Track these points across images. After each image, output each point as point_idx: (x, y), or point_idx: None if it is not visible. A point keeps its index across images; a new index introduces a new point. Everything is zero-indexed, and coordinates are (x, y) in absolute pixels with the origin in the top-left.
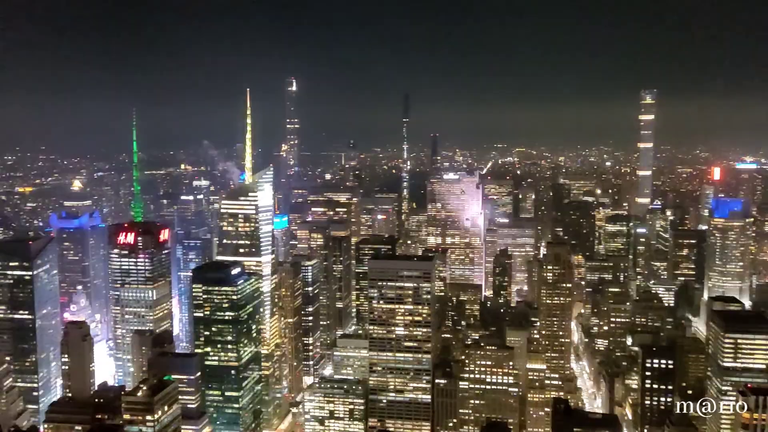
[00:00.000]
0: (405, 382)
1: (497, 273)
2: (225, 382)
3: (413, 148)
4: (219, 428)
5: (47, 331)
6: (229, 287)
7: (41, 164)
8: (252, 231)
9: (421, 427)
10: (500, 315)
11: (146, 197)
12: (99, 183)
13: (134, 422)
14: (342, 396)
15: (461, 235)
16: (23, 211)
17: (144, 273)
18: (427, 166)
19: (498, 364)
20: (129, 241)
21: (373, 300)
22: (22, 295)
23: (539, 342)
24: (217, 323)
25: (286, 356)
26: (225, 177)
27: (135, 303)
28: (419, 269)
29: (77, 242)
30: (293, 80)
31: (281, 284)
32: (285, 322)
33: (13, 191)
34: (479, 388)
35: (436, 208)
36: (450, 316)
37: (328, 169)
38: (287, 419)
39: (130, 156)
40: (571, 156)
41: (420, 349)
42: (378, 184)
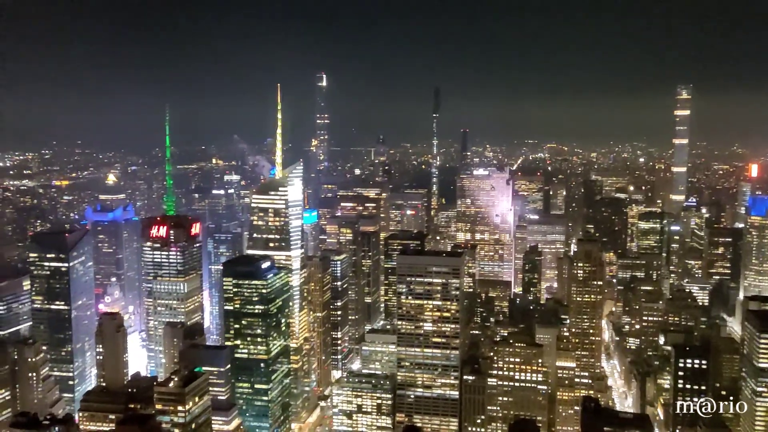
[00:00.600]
0: (433, 377)
1: (527, 270)
2: (254, 375)
3: (443, 144)
4: (248, 420)
5: (82, 321)
6: (259, 281)
7: (77, 158)
8: (282, 225)
9: (448, 423)
10: (529, 312)
11: (178, 191)
12: (133, 177)
13: (166, 412)
14: (370, 390)
15: (491, 232)
16: (60, 204)
17: (176, 266)
18: (456, 162)
19: (527, 361)
20: (161, 235)
21: (402, 295)
22: (58, 286)
23: (569, 340)
24: (247, 316)
25: (315, 350)
26: (255, 171)
27: (167, 295)
28: (448, 265)
29: (111, 235)
30: (323, 75)
31: (310, 278)
32: (314, 316)
33: (50, 184)
34: (508, 385)
35: (466, 204)
36: (479, 313)
37: (358, 164)
38: (315, 413)
39: (162, 150)
40: (603, 152)
41: (448, 345)
42: (407, 179)
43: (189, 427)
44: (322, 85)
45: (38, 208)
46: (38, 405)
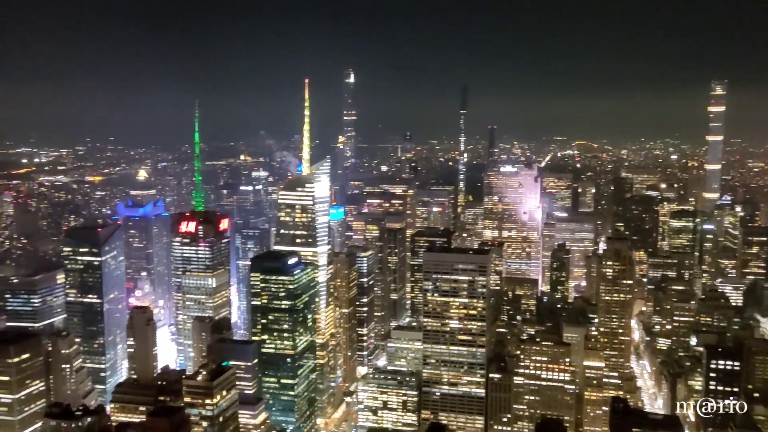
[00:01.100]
0: (459, 375)
1: (555, 268)
2: (281, 370)
3: (470, 141)
4: (275, 414)
5: (114, 315)
6: (286, 276)
7: (109, 154)
8: (309, 222)
9: (474, 421)
10: (557, 311)
11: (207, 187)
12: (163, 173)
13: (194, 405)
14: (395, 387)
15: (518, 229)
16: (93, 200)
17: (204, 261)
18: (484, 159)
19: (554, 360)
20: (190, 230)
21: (428, 292)
22: (91, 280)
23: (597, 339)
24: (274, 312)
25: (341, 346)
26: (283, 168)
27: (195, 290)
28: (475, 262)
29: (142, 230)
30: (351, 72)
31: (336, 275)
32: (340, 312)
33: (84, 180)
34: (534, 384)
35: (493, 201)
36: (505, 311)
37: (385, 161)
38: (341, 408)
39: (192, 147)
40: (634, 149)
41: (474, 343)
42: (434, 176)
43: (216, 420)
44: (350, 82)
45: (72, 204)
46: (71, 396)
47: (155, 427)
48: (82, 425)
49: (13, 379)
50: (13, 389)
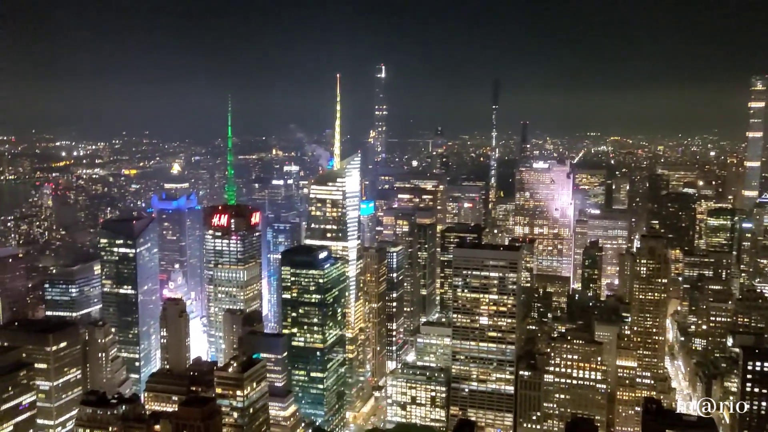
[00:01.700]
0: (488, 372)
1: (587, 265)
2: (310, 363)
3: (502, 136)
4: (304, 407)
5: (148, 306)
6: (316, 270)
7: (144, 148)
8: (339, 216)
9: (503, 418)
10: (589, 309)
11: (239, 181)
12: (196, 167)
13: (225, 396)
14: (424, 383)
15: (550, 226)
16: (128, 192)
17: (236, 254)
18: (516, 154)
19: (585, 358)
20: (222, 223)
21: (458, 288)
22: (126, 271)
23: (630, 338)
24: (304, 305)
25: (370, 341)
26: (314, 162)
27: (227, 283)
28: (505, 259)
29: (175, 223)
30: (382, 67)
31: (366, 269)
32: (369, 307)
33: (120, 173)
34: (565, 383)
35: (525, 197)
36: (536, 308)
37: (415, 156)
38: (369, 403)
39: (225, 141)
40: (671, 145)
41: (504, 340)
42: (465, 171)
43: (247, 411)
44: (382, 77)
45: (108, 196)
46: (107, 384)
47: (188, 416)
48: (117, 413)
49: (51, 366)
50: (51, 377)
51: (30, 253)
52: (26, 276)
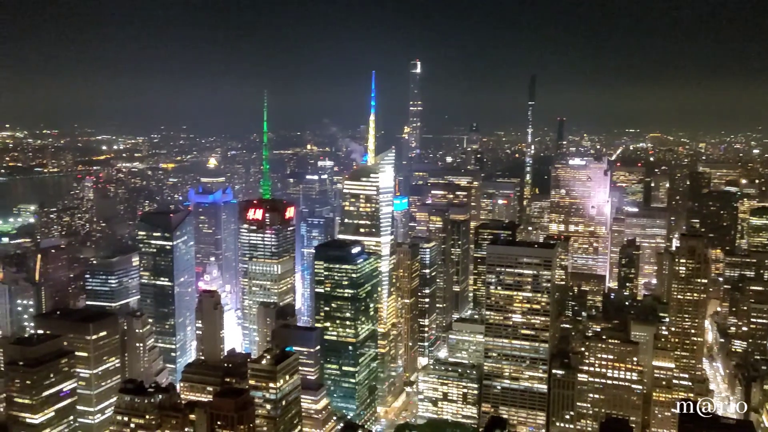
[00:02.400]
0: (520, 369)
1: (623, 264)
2: (343, 357)
3: (538, 132)
4: (336, 401)
5: (184, 297)
6: (349, 265)
7: (182, 142)
8: (372, 211)
9: (536, 416)
10: (625, 308)
11: (274, 176)
12: (232, 161)
13: (258, 388)
14: (456, 379)
15: (586, 223)
16: (166, 186)
17: (270, 248)
18: (551, 151)
19: (621, 358)
20: (257, 217)
21: (491, 285)
22: (163, 263)
23: (668, 339)
24: (337, 300)
25: (402, 336)
26: (348, 158)
27: (261, 276)
28: (540, 256)
29: (211, 216)
30: (417, 62)
31: (399, 265)
32: (402, 303)
33: (158, 167)
34: (599, 383)
35: (560, 194)
36: (570, 306)
37: (450, 152)
38: (401, 398)
39: (260, 136)
40: (713, 142)
41: (537, 338)
42: (500, 168)
43: (279, 403)
44: (417, 72)
45: (147, 189)
46: (144, 373)
47: (222, 407)
48: (154, 401)
49: (91, 355)
50: (91, 365)
51: (72, 244)
52: (68, 266)
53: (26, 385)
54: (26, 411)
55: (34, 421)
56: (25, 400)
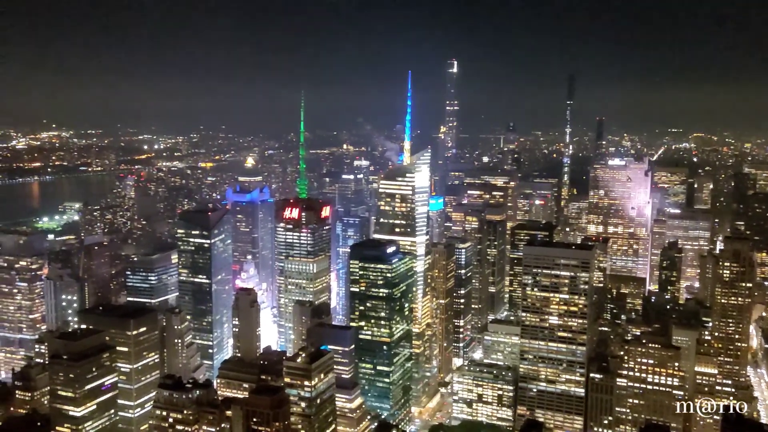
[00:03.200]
0: (557, 372)
1: (664, 267)
2: (377, 357)
3: (576, 132)
4: (370, 400)
5: (221, 295)
6: (384, 265)
7: (220, 142)
8: (408, 211)
9: (573, 420)
10: (666, 312)
11: (310, 175)
12: (269, 160)
13: (293, 386)
14: (491, 381)
15: (625, 225)
16: (204, 185)
17: (306, 247)
18: (590, 151)
19: (661, 363)
20: (294, 216)
21: (527, 287)
22: (201, 261)
23: (711, 344)
24: (372, 299)
25: (437, 336)
26: (384, 157)
27: (297, 275)
28: (577, 258)
29: (248, 215)
30: (454, 62)
31: (434, 265)
32: (437, 303)
33: (197, 166)
34: (639, 387)
35: (599, 195)
36: (609, 309)
37: (486, 151)
38: (435, 399)
39: (297, 136)
40: (759, 143)
41: (574, 341)
42: (537, 168)
43: (314, 401)
44: (453, 72)
45: (186, 188)
46: (182, 369)
47: (258, 404)
48: (192, 397)
49: (132, 350)
50: (131, 359)
51: (114, 241)
52: (110, 263)
53: (69, 378)
54: (69, 404)
55: (77, 413)
56: (68, 393)
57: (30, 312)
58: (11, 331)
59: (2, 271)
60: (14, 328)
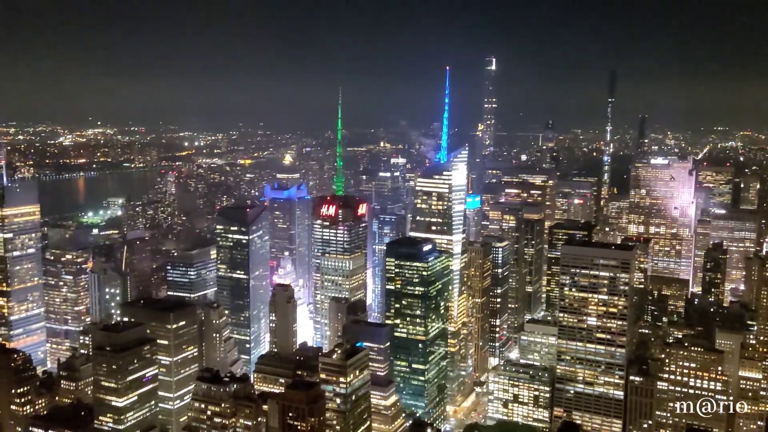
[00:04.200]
0: (595, 374)
1: (708, 268)
2: (412, 355)
3: (617, 130)
4: (405, 398)
5: (258, 291)
6: (420, 263)
7: (259, 139)
8: (445, 209)
9: (611, 424)
10: (709, 314)
11: (347, 172)
12: (306, 158)
13: (329, 382)
14: (527, 381)
15: (668, 225)
16: (243, 181)
17: (342, 244)
18: (632, 150)
19: (704, 367)
20: (330, 213)
21: (565, 287)
22: (239, 256)
23: (756, 348)
24: (407, 297)
25: (473, 335)
26: (421, 155)
27: (333, 271)
28: (617, 258)
29: (286, 212)
30: (493, 59)
31: (471, 264)
32: (473, 302)
33: (236, 163)
34: (680, 391)
35: (640, 194)
36: (650, 311)
37: (524, 150)
38: (470, 398)
39: (334, 133)
40: None
41: (614, 342)
42: (576, 166)
43: (349, 398)
44: (491, 69)
45: (225, 185)
46: (220, 363)
47: (294, 399)
48: (229, 390)
49: (171, 343)
50: (171, 352)
51: (155, 236)
52: (151, 258)
53: (112, 369)
54: (112, 394)
55: (119, 404)
56: (111, 384)
57: (75, 304)
58: (57, 323)
59: (50, 264)
60: (60, 320)
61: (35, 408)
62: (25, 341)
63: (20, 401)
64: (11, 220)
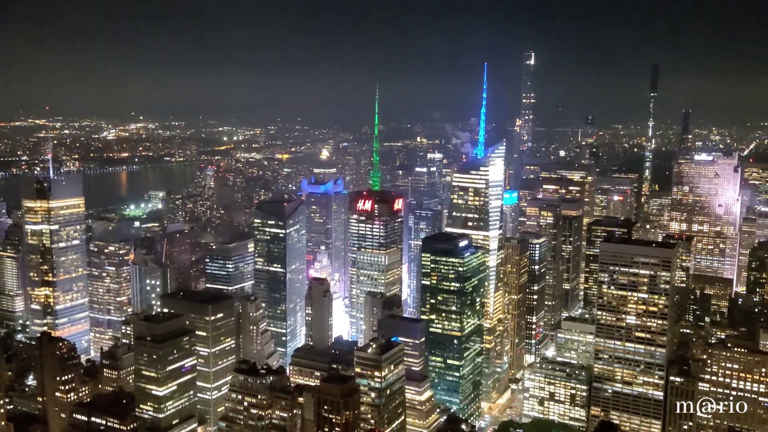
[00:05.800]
0: (634, 374)
1: (754, 268)
2: (447, 350)
3: (660, 126)
4: (439, 393)
5: (295, 284)
6: (456, 259)
7: (296, 134)
8: (481, 205)
9: (650, 424)
10: (754, 315)
11: (384, 167)
12: (343, 153)
13: (364, 376)
14: (564, 379)
15: (711, 223)
16: (280, 176)
17: (378, 239)
18: (674, 146)
19: (748, 368)
20: (366, 208)
21: (603, 285)
22: (276, 250)
23: None
24: (443, 293)
25: (508, 332)
26: (458, 150)
27: (369, 266)
28: (658, 256)
29: (322, 206)
30: (531, 53)
31: (507, 260)
32: (509, 298)
33: (273, 157)
34: (723, 393)
35: (683, 191)
36: (691, 310)
37: (563, 145)
38: (506, 395)
39: (371, 128)
40: None
41: (653, 342)
42: (616, 163)
43: (384, 392)
44: (530, 64)
45: (263, 179)
46: (257, 355)
47: (329, 392)
48: (266, 382)
49: (210, 335)
50: (209, 344)
51: (194, 229)
52: (191, 250)
53: (152, 359)
54: (152, 383)
55: (159, 393)
56: (151, 373)
57: (117, 295)
58: (100, 313)
59: (93, 256)
60: (103, 310)
61: (79, 395)
62: (69, 330)
63: (64, 388)
64: (57, 212)
